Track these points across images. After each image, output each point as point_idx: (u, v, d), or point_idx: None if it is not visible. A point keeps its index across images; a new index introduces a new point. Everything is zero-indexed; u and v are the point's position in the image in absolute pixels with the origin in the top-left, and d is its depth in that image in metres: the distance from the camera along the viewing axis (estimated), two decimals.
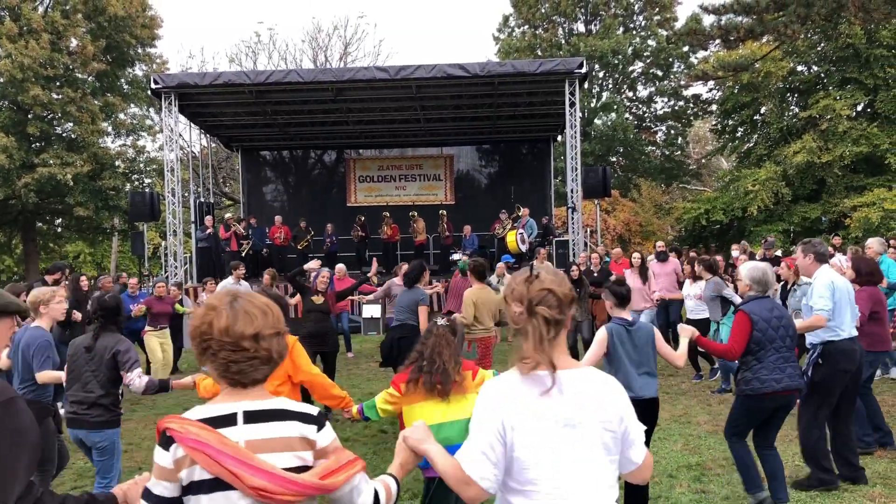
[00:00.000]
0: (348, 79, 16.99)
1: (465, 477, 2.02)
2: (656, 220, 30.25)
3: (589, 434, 2.03)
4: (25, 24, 25.68)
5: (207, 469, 1.83)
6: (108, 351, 4.80)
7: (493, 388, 2.10)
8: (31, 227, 29.14)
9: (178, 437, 1.85)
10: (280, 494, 1.82)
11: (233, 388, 1.95)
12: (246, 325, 1.91)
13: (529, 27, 34.41)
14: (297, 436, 1.92)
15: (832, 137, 24.14)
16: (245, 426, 1.90)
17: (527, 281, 2.10)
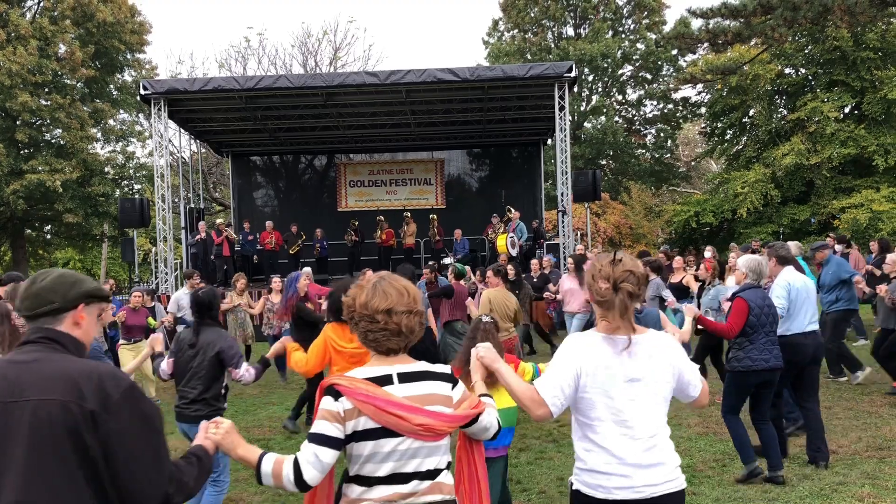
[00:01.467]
0: (338, 84, 17.01)
1: (540, 399, 2.55)
2: (646, 223, 30.38)
3: (648, 387, 2.58)
4: (13, 30, 25.56)
5: (374, 419, 2.24)
6: (211, 347, 4.82)
7: (578, 340, 2.64)
8: (20, 234, 28.98)
9: (347, 392, 2.26)
10: (438, 427, 2.30)
11: (378, 354, 2.40)
12: (380, 301, 2.35)
13: (519, 31, 34.52)
14: (441, 393, 2.38)
15: (820, 139, 24.30)
16: (400, 385, 2.32)
17: (612, 263, 2.60)
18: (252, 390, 10.35)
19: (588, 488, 2.58)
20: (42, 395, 1.95)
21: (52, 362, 2.04)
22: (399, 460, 2.27)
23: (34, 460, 1.92)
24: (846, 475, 5.62)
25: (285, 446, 7.56)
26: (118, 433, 1.95)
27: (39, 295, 2.12)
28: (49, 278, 2.16)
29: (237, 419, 8.58)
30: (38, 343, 2.08)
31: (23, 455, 1.92)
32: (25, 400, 1.95)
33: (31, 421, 1.93)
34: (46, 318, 2.11)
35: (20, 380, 1.98)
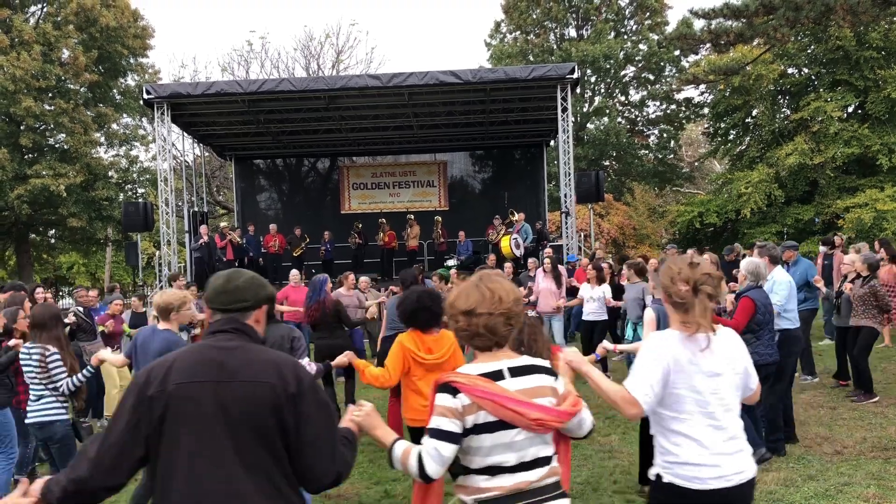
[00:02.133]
0: (341, 87, 17.02)
1: (632, 398, 2.71)
2: (650, 224, 30.33)
3: (727, 380, 2.77)
4: (17, 35, 25.64)
5: (493, 413, 2.35)
6: (286, 340, 5.05)
7: (663, 340, 2.80)
8: (25, 238, 29.04)
9: (465, 389, 2.36)
10: (551, 421, 2.39)
11: (480, 351, 2.50)
12: (462, 302, 2.47)
13: (521, 33, 34.52)
14: (548, 385, 2.48)
15: (824, 139, 24.26)
16: (512, 379, 2.43)
17: (691, 266, 2.76)
18: None
19: (684, 480, 2.70)
20: (253, 378, 2.19)
21: (252, 350, 2.30)
22: (520, 450, 2.39)
23: (244, 435, 2.14)
24: (851, 476, 5.61)
25: None
26: (307, 415, 2.20)
27: (236, 293, 2.37)
28: (243, 279, 2.42)
29: None
30: (232, 333, 2.31)
31: (233, 430, 2.14)
32: (238, 381, 2.18)
33: (243, 400, 2.15)
34: (238, 313, 2.36)
35: (229, 363, 2.21)
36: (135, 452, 2.17)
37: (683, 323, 2.77)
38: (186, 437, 2.14)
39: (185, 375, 2.19)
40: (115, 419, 2.21)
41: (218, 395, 2.16)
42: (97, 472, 2.15)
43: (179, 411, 2.15)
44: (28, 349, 5.47)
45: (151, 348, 4.95)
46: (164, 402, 2.16)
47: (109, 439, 2.18)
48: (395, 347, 4.77)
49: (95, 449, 2.18)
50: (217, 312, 2.37)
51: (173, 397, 2.16)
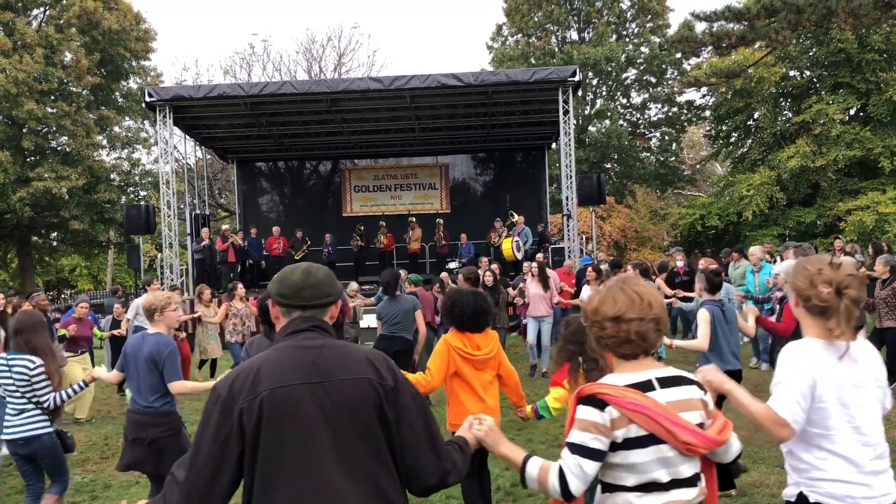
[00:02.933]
0: (343, 90, 17.04)
1: (781, 419, 2.45)
2: (652, 227, 30.29)
3: (870, 391, 2.54)
4: (19, 38, 25.71)
5: (644, 427, 2.17)
6: None
7: (803, 350, 2.54)
8: (27, 241, 29.09)
9: (613, 401, 2.19)
10: (698, 447, 2.20)
11: (624, 360, 2.32)
12: (609, 307, 2.28)
13: (523, 36, 34.54)
14: (698, 398, 2.30)
15: (825, 142, 24.25)
16: (662, 390, 2.25)
17: (832, 267, 2.53)
18: None
19: (833, 500, 2.46)
20: (350, 375, 2.09)
21: (339, 346, 2.20)
22: (672, 466, 2.22)
23: (347, 437, 2.04)
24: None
25: None
26: (404, 409, 2.12)
27: (319, 287, 2.25)
28: (322, 273, 2.29)
29: None
30: (312, 331, 2.20)
31: (335, 432, 2.03)
32: (332, 380, 2.07)
33: (342, 399, 2.05)
34: (317, 309, 2.25)
35: (321, 362, 2.10)
36: (227, 472, 2.02)
37: (826, 330, 2.53)
38: (287, 445, 2.01)
39: (277, 379, 2.05)
40: (201, 438, 2.04)
41: (316, 396, 2.04)
42: (192, 498, 2.00)
43: (276, 419, 2.01)
44: (7, 360, 5.03)
45: (143, 354, 4.80)
46: (256, 412, 2.00)
47: (199, 462, 2.02)
48: (441, 347, 4.56)
49: (184, 474, 2.03)
50: (294, 310, 2.23)
51: (267, 404, 2.01)
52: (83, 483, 6.61)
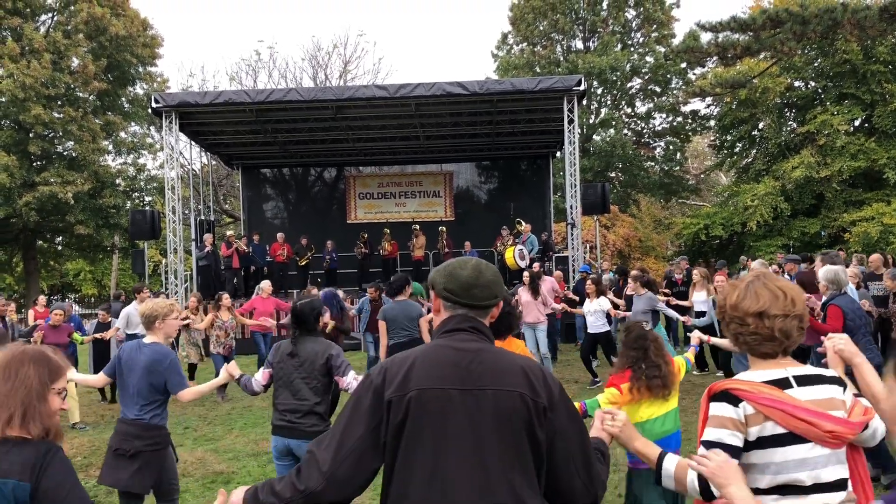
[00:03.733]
0: (348, 97, 17.09)
1: None
2: (656, 236, 30.29)
3: None
4: (27, 44, 25.85)
5: (782, 424, 2.09)
6: (319, 356, 4.62)
7: None
8: (32, 245, 29.18)
9: (748, 397, 2.12)
10: (844, 434, 2.10)
11: (761, 359, 2.23)
12: (751, 303, 2.19)
13: (528, 44, 34.62)
14: (838, 397, 2.19)
15: (830, 152, 24.24)
16: (800, 388, 2.16)
17: None
18: (262, 403, 10.37)
19: None
20: (501, 386, 1.97)
21: (496, 353, 2.08)
22: (815, 468, 2.10)
23: (496, 449, 1.93)
24: None
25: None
26: (560, 430, 1.99)
27: (489, 287, 2.15)
28: (491, 272, 2.19)
29: (246, 432, 8.60)
30: (470, 332, 2.10)
31: (482, 443, 1.93)
32: (482, 389, 1.97)
33: (492, 411, 1.94)
34: (482, 309, 2.15)
35: (474, 368, 2.00)
36: (372, 460, 1.98)
37: None
38: (427, 448, 1.94)
39: (428, 380, 1.98)
40: (350, 422, 2.00)
41: (464, 404, 1.95)
42: (332, 484, 1.95)
43: (421, 420, 1.95)
44: None
45: (138, 364, 4.58)
46: (404, 408, 1.96)
47: (346, 446, 1.97)
48: None
49: (329, 456, 1.97)
50: (458, 307, 2.14)
51: (415, 404, 1.96)
52: (86, 489, 6.61)
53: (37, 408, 2.11)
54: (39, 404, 2.12)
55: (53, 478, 2.05)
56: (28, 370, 2.14)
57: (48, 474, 2.04)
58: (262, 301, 11.94)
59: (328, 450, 1.98)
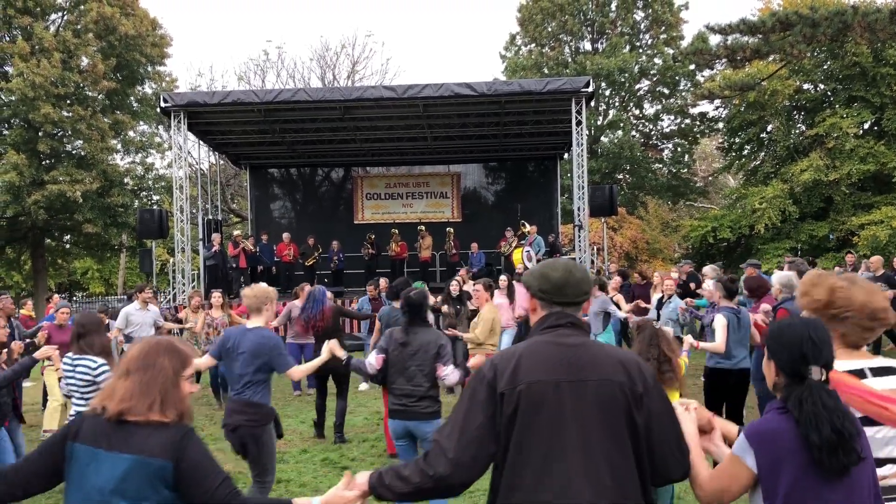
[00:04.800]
0: (356, 97, 17.13)
1: None
2: (663, 238, 30.21)
3: None
4: (37, 43, 25.94)
5: (860, 410, 2.27)
6: (432, 346, 5.06)
7: None
8: (41, 243, 29.28)
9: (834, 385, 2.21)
10: None
11: (849, 349, 2.47)
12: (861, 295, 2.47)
13: (536, 45, 34.58)
14: None
15: (839, 155, 24.11)
16: (874, 378, 2.40)
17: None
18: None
19: None
20: (602, 376, 2.17)
21: (595, 346, 2.28)
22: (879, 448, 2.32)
23: (599, 436, 2.12)
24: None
25: (300, 459, 7.58)
26: (655, 414, 2.18)
27: (581, 285, 2.36)
28: (581, 271, 2.41)
29: None
30: (568, 328, 2.29)
31: (587, 430, 2.12)
32: (585, 380, 2.16)
33: (595, 400, 2.14)
34: (575, 306, 2.36)
35: (577, 361, 2.19)
36: (490, 447, 2.17)
37: None
38: (537, 436, 2.12)
39: (536, 373, 2.17)
40: (469, 413, 2.19)
41: (570, 395, 2.14)
42: (458, 468, 2.15)
43: (531, 411, 2.13)
44: (72, 360, 5.15)
45: (244, 346, 4.94)
46: (515, 400, 2.14)
47: (467, 434, 2.16)
48: None
49: (452, 445, 2.16)
50: (554, 305, 2.34)
51: (525, 396, 2.14)
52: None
53: (172, 394, 2.33)
54: (174, 390, 2.34)
55: (192, 457, 2.27)
56: (163, 360, 2.36)
57: (187, 454, 2.26)
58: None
59: (451, 438, 2.18)
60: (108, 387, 2.36)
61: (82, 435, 2.30)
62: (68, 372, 5.14)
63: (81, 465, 2.27)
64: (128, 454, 2.23)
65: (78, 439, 2.30)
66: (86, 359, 5.09)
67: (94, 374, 5.05)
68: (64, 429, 2.38)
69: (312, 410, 8.91)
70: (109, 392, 2.34)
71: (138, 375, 2.32)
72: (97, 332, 5.21)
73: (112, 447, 2.24)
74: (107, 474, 2.22)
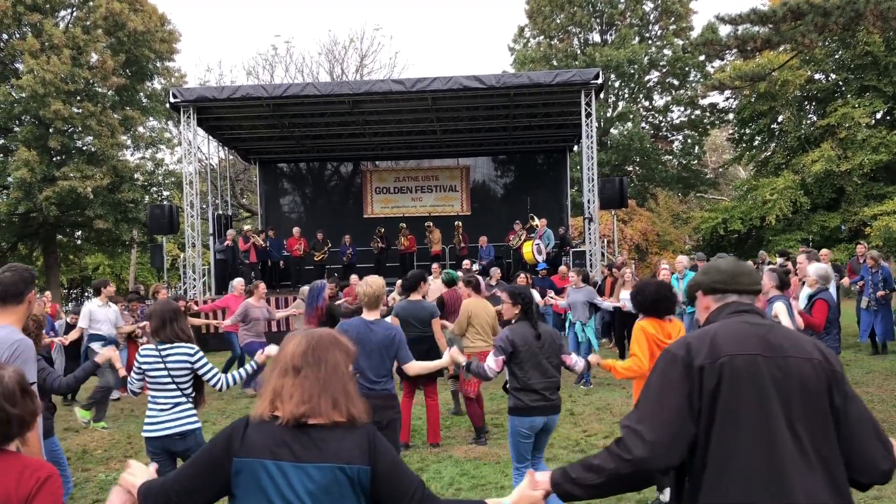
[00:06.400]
0: (365, 91, 17.11)
1: None
2: (673, 230, 30.11)
3: None
4: (47, 39, 26.04)
5: None
6: (555, 336, 5.19)
7: None
8: (52, 239, 29.44)
9: None
10: None
11: None
12: None
13: (545, 38, 34.42)
14: None
15: (851, 146, 23.94)
16: None
17: None
18: None
19: None
20: (802, 354, 2.14)
21: (786, 329, 2.28)
22: None
23: (802, 412, 2.07)
24: (882, 489, 5.51)
25: None
26: (850, 397, 2.13)
27: (752, 275, 2.40)
28: (748, 264, 2.46)
29: None
30: (752, 313, 2.27)
31: (790, 406, 2.07)
32: (784, 356, 2.12)
33: (798, 375, 2.10)
34: (752, 294, 2.37)
35: (771, 339, 2.16)
36: (690, 427, 2.09)
37: None
38: (744, 410, 2.06)
39: (735, 347, 2.12)
40: (663, 393, 2.13)
41: (770, 369, 2.09)
42: (659, 449, 2.06)
43: (735, 383, 2.07)
44: (159, 350, 4.74)
45: (372, 341, 5.05)
46: (717, 374, 2.08)
47: (664, 415, 2.09)
48: (639, 335, 4.94)
49: (650, 427, 2.08)
50: (729, 294, 2.35)
51: (728, 368, 2.08)
52: (107, 481, 6.67)
53: (350, 391, 2.11)
54: (351, 387, 2.13)
55: (386, 458, 2.09)
56: (335, 355, 2.14)
57: (380, 456, 2.07)
58: (234, 300, 11.51)
59: (645, 421, 2.10)
60: (272, 388, 2.08)
61: (251, 447, 2.02)
62: (153, 361, 4.73)
63: (261, 482, 2.00)
64: (324, 463, 1.99)
65: (246, 453, 2.02)
66: (182, 346, 4.75)
67: (192, 362, 4.73)
68: (221, 442, 2.09)
69: None
70: (275, 394, 2.07)
71: (312, 372, 2.07)
72: (183, 318, 4.90)
73: (300, 458, 1.99)
74: (300, 488, 1.98)
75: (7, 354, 3.38)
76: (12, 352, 3.41)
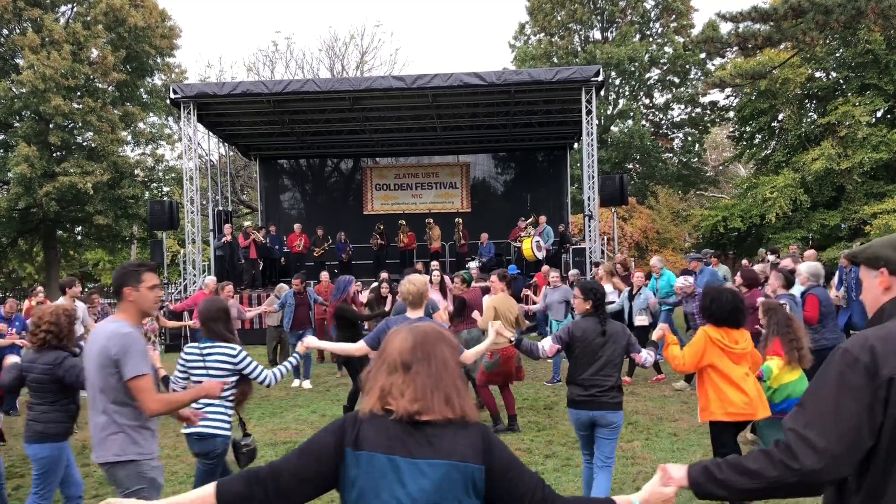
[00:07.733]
0: (365, 88, 17.12)
1: None
2: (673, 228, 30.08)
3: None
4: (47, 35, 26.02)
5: None
6: (623, 336, 5.08)
7: None
8: (52, 235, 29.45)
9: None
10: None
11: None
12: None
13: (545, 35, 34.40)
14: None
15: (851, 144, 23.91)
16: None
17: None
18: (279, 393, 10.44)
19: None
20: None
21: None
22: None
23: None
24: None
25: None
26: None
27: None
28: None
29: (263, 422, 8.65)
30: None
31: None
32: None
33: None
34: None
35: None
36: (867, 440, 1.85)
37: None
38: None
39: None
40: (840, 399, 1.87)
41: None
42: (832, 461, 1.85)
43: None
44: (200, 349, 4.64)
45: None
46: None
47: (842, 424, 1.85)
48: (700, 338, 4.95)
49: (821, 435, 1.86)
50: None
51: None
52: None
53: (460, 387, 2.04)
54: (461, 383, 2.06)
55: (501, 457, 2.00)
56: (443, 350, 2.07)
57: (495, 454, 1.99)
58: (204, 297, 11.58)
59: (815, 427, 1.88)
60: (380, 385, 2.02)
61: (366, 441, 1.97)
62: (197, 363, 4.63)
63: (373, 477, 1.95)
64: (438, 460, 1.93)
65: (360, 446, 1.97)
66: (222, 346, 4.61)
67: (234, 362, 4.57)
68: (334, 432, 2.03)
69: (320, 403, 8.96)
70: (384, 392, 2.01)
71: (423, 368, 2.01)
72: (229, 319, 4.77)
73: (414, 454, 1.94)
74: (413, 486, 1.91)
75: (115, 349, 3.50)
76: (120, 345, 3.51)
